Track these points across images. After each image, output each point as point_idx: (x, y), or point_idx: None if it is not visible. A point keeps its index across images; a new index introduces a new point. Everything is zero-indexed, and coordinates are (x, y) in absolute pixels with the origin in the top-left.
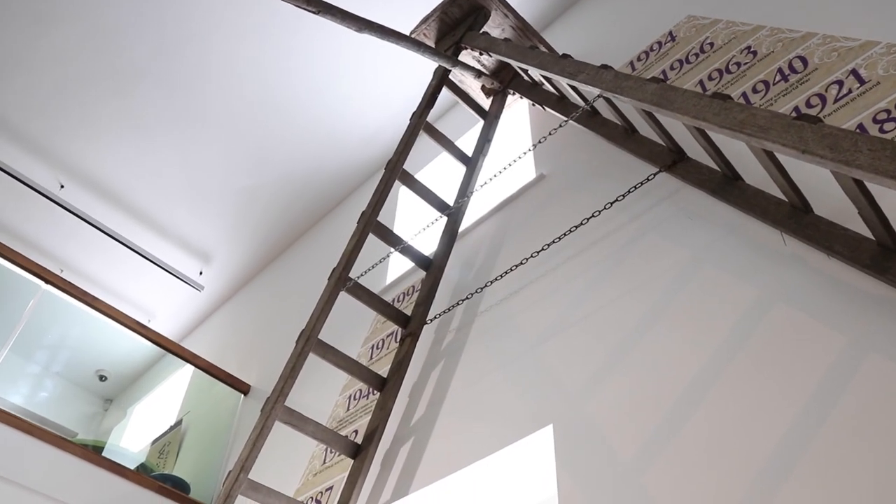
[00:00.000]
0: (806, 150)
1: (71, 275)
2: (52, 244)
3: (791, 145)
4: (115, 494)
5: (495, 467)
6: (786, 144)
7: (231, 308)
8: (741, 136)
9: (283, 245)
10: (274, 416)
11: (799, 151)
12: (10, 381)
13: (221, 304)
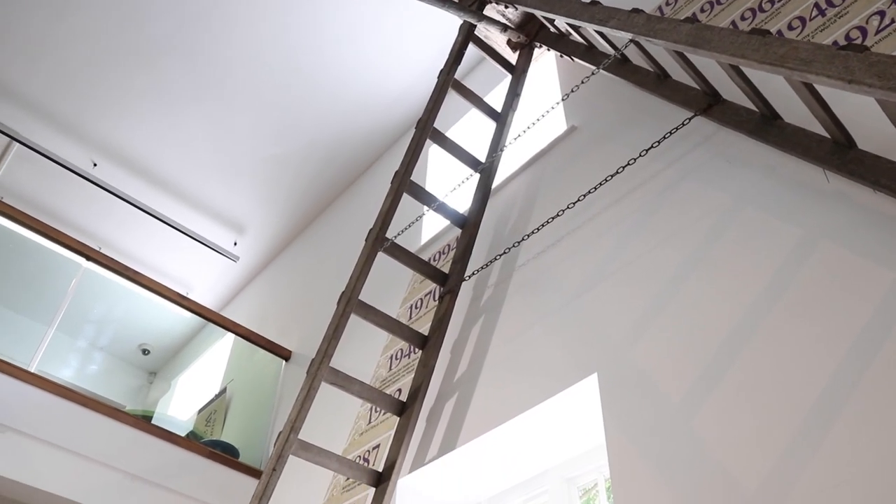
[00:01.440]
0: (853, 79)
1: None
2: (89, 223)
3: (836, 76)
4: (167, 461)
5: (541, 418)
6: (831, 76)
7: (267, 276)
8: (782, 70)
9: (316, 211)
10: (320, 377)
11: (845, 82)
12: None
13: (258, 273)
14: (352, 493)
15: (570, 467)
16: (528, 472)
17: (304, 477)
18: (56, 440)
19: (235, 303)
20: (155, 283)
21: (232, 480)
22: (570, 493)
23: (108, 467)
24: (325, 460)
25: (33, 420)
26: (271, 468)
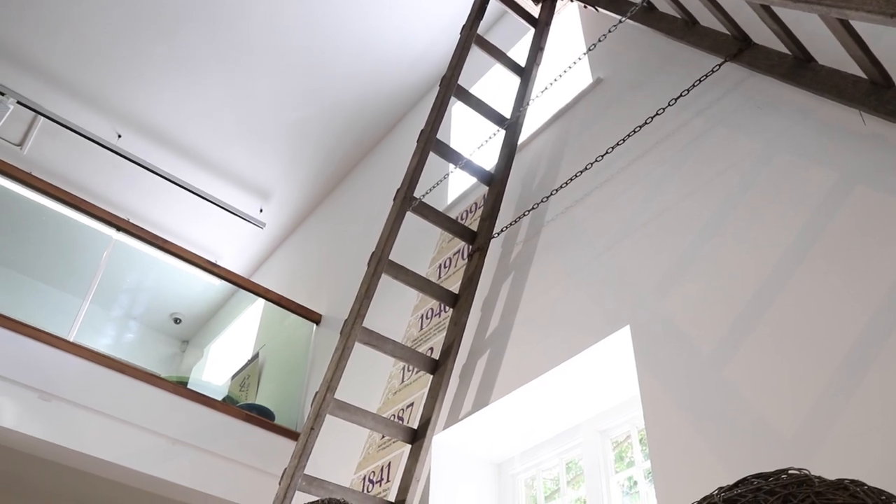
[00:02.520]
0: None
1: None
2: (115, 194)
3: (877, 11)
4: (204, 424)
5: (574, 372)
6: (871, 11)
7: (294, 242)
8: (818, 8)
9: (341, 174)
10: (354, 337)
11: (886, 16)
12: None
13: (284, 239)
14: (387, 451)
15: (603, 420)
16: (562, 426)
17: (340, 437)
18: (98, 406)
19: (263, 269)
20: (185, 251)
21: (268, 442)
22: (604, 445)
23: (149, 431)
24: (361, 419)
25: (75, 388)
26: (309, 427)
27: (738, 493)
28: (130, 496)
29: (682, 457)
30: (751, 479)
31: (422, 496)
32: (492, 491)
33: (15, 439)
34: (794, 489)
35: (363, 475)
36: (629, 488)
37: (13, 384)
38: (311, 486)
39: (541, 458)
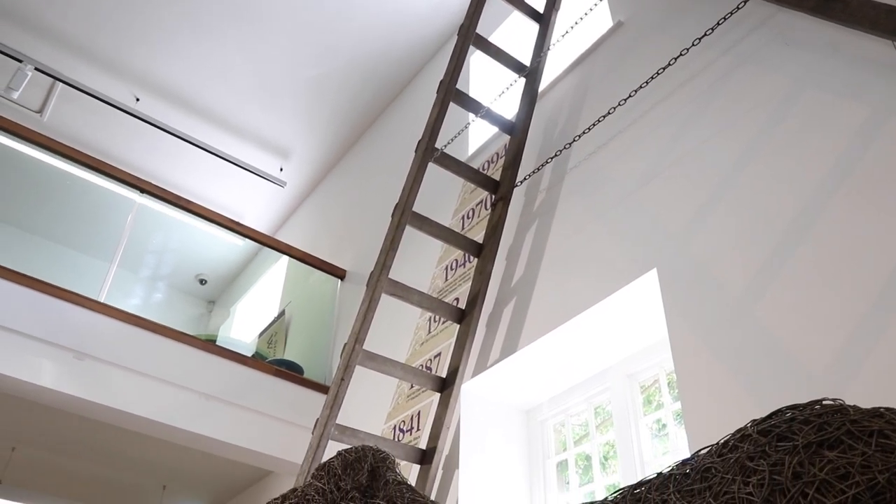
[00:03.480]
0: None
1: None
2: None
3: None
4: (235, 380)
5: (601, 317)
6: None
7: (316, 199)
8: None
9: (360, 129)
10: (380, 289)
11: None
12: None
13: (306, 197)
14: (417, 401)
15: (631, 364)
16: (589, 371)
17: (369, 389)
18: (131, 365)
19: (286, 228)
20: (208, 210)
21: (298, 395)
22: (632, 389)
23: (182, 388)
24: (390, 369)
25: (108, 347)
26: (339, 378)
27: (771, 424)
28: (165, 450)
29: (712, 397)
30: (784, 410)
31: (452, 443)
32: (521, 437)
33: (53, 398)
34: (829, 417)
35: (393, 425)
36: (658, 431)
37: (49, 345)
38: (344, 435)
39: (569, 404)
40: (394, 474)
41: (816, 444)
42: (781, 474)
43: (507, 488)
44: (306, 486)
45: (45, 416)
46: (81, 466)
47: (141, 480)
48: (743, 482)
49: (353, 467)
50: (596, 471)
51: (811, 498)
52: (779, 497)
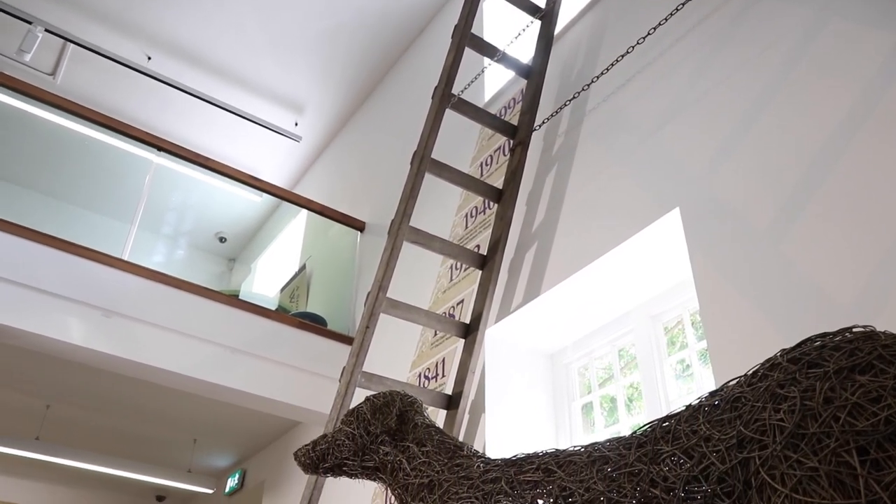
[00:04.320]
0: None
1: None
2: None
3: None
4: (259, 333)
5: (623, 258)
6: None
7: (332, 153)
8: None
9: (374, 80)
10: (402, 237)
11: None
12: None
13: (322, 151)
14: (441, 348)
15: (654, 305)
16: (613, 313)
17: (393, 339)
18: (157, 321)
19: (303, 183)
20: (225, 166)
21: (323, 347)
22: (656, 330)
23: (208, 342)
24: (414, 316)
25: (135, 304)
26: (364, 326)
27: (801, 352)
28: (195, 405)
29: (738, 334)
30: (814, 338)
31: (477, 388)
32: (546, 381)
33: (84, 355)
34: (860, 343)
35: (418, 372)
36: (682, 371)
37: (77, 304)
38: (371, 382)
39: (593, 347)
40: (422, 417)
41: (848, 370)
42: (812, 400)
43: (534, 431)
44: (336, 432)
45: (77, 374)
46: (114, 422)
47: (172, 435)
48: (773, 409)
49: (382, 412)
50: (621, 412)
51: (843, 421)
52: (810, 422)
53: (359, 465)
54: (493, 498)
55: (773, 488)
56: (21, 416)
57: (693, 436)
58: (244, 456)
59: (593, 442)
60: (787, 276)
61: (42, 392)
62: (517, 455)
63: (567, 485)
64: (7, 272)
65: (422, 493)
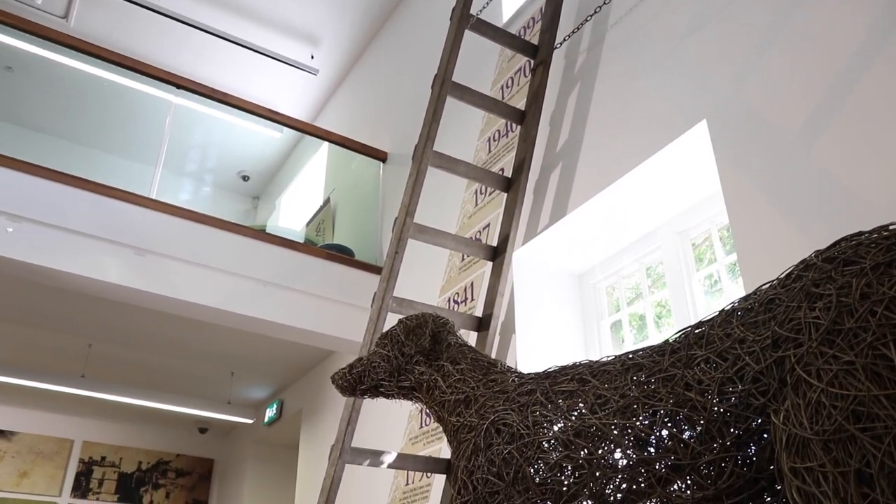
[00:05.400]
0: None
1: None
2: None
3: None
4: (288, 266)
5: (650, 174)
6: None
7: (350, 84)
8: None
9: (390, 6)
10: (426, 161)
11: None
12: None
13: (339, 84)
14: (469, 272)
15: (681, 221)
16: (640, 231)
17: (420, 267)
18: (188, 257)
19: (322, 117)
20: (245, 101)
21: (351, 277)
22: (684, 246)
23: (238, 276)
24: (441, 240)
25: (165, 242)
26: (393, 251)
27: (837, 251)
28: (231, 339)
29: (769, 245)
30: (850, 237)
31: (507, 310)
32: (574, 300)
33: (120, 293)
34: None
35: (447, 297)
36: (710, 287)
37: (110, 244)
38: (402, 306)
39: (620, 265)
40: (455, 337)
41: (885, 265)
42: (849, 296)
43: (563, 350)
44: (371, 355)
45: (115, 313)
46: (154, 358)
47: (210, 368)
48: (809, 308)
49: (415, 333)
50: (650, 329)
51: (880, 315)
52: (846, 318)
53: (395, 385)
54: (528, 409)
55: (808, 384)
56: (66, 356)
57: (727, 339)
58: (281, 387)
59: (627, 351)
60: (819, 183)
61: (83, 332)
62: (551, 368)
63: (602, 392)
64: (41, 215)
65: (458, 409)
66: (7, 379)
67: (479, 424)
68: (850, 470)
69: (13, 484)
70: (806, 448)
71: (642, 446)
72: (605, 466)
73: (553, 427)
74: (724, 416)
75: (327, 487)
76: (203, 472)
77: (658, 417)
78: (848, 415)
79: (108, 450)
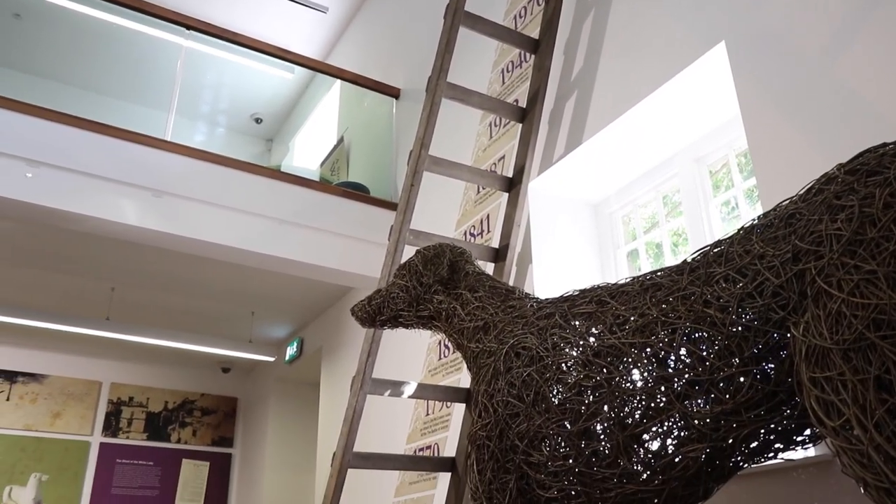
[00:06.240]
0: None
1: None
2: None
3: None
4: (304, 204)
5: (666, 100)
6: None
7: (360, 21)
8: None
9: None
10: (440, 93)
11: None
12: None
13: (350, 21)
14: (484, 205)
15: (699, 147)
16: (656, 159)
17: (436, 202)
18: (205, 197)
19: (333, 56)
20: (256, 41)
21: (367, 214)
22: (701, 172)
23: (255, 215)
24: (456, 172)
25: (181, 183)
26: (409, 184)
27: (859, 163)
28: (251, 279)
29: (789, 168)
30: (873, 148)
31: (523, 241)
32: (590, 230)
33: (139, 235)
34: None
35: (464, 230)
36: (727, 213)
37: (128, 186)
38: (419, 239)
39: (636, 194)
40: (472, 266)
41: None
42: (872, 206)
43: (580, 279)
44: (390, 286)
45: (136, 256)
46: (175, 300)
47: (231, 308)
48: (830, 220)
49: (433, 262)
50: (667, 257)
51: None
52: (869, 228)
53: (414, 314)
54: (547, 332)
55: (829, 294)
56: (89, 300)
57: (746, 255)
58: (301, 325)
59: (645, 273)
60: (842, 103)
61: (106, 275)
62: (569, 292)
63: (620, 312)
64: (59, 160)
65: (477, 336)
66: (35, 323)
67: (498, 349)
68: (870, 377)
69: (47, 424)
70: (825, 358)
71: (661, 364)
72: (624, 385)
73: (572, 349)
74: (744, 331)
75: (349, 417)
76: (227, 411)
77: (677, 335)
78: (869, 323)
79: (135, 391)
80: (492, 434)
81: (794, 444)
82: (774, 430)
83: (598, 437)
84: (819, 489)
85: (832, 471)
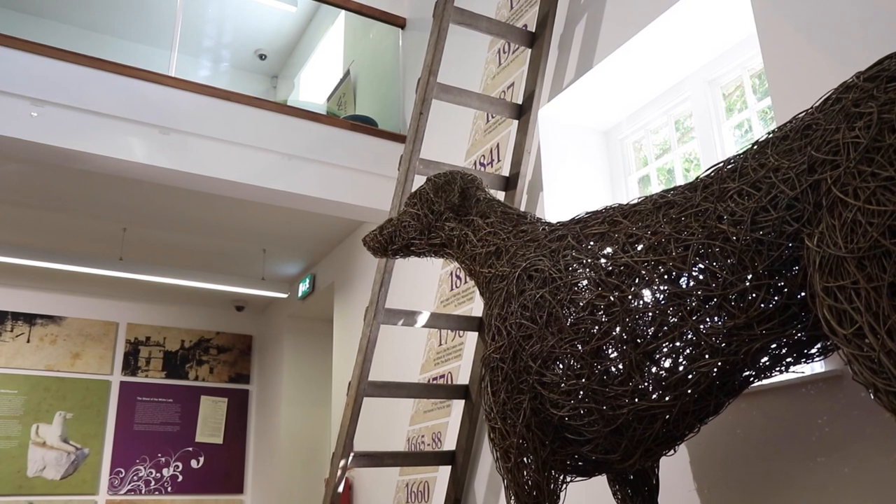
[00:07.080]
0: None
1: None
2: None
3: None
4: (312, 138)
5: (678, 20)
6: None
7: None
8: None
9: None
10: (447, 18)
11: None
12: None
13: None
14: (494, 134)
15: (711, 69)
16: (667, 82)
17: (445, 134)
18: (212, 133)
19: None
20: None
21: (376, 147)
22: (714, 95)
23: (263, 150)
24: (465, 99)
25: (188, 119)
26: (418, 112)
27: (879, 69)
28: (261, 216)
29: (806, 87)
30: (893, 54)
31: (533, 169)
32: (601, 157)
33: (147, 173)
34: None
35: (473, 160)
36: (741, 136)
37: (135, 123)
38: (428, 168)
39: (648, 119)
40: (483, 193)
41: None
42: (891, 112)
43: (591, 205)
44: (401, 215)
45: (146, 195)
46: (186, 239)
47: (243, 246)
48: (848, 128)
49: (444, 190)
50: (679, 182)
51: None
52: (888, 134)
53: (425, 242)
54: (560, 254)
55: (844, 203)
56: (102, 240)
57: (760, 169)
58: (312, 261)
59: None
60: (862, 17)
61: (117, 216)
62: (581, 214)
63: (633, 231)
64: (64, 98)
65: (489, 261)
66: (49, 264)
67: (510, 273)
68: (884, 284)
69: (68, 365)
70: (839, 267)
71: (674, 281)
72: (637, 303)
73: (585, 269)
74: (757, 245)
75: (364, 347)
76: (243, 348)
77: (690, 251)
78: (884, 230)
79: (151, 330)
80: (505, 356)
81: (805, 358)
82: (786, 343)
83: (610, 355)
84: (827, 404)
85: (841, 385)
